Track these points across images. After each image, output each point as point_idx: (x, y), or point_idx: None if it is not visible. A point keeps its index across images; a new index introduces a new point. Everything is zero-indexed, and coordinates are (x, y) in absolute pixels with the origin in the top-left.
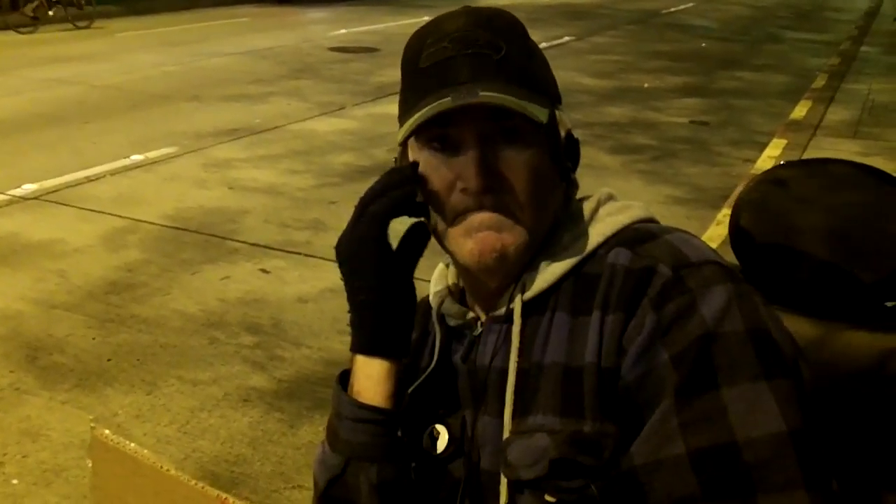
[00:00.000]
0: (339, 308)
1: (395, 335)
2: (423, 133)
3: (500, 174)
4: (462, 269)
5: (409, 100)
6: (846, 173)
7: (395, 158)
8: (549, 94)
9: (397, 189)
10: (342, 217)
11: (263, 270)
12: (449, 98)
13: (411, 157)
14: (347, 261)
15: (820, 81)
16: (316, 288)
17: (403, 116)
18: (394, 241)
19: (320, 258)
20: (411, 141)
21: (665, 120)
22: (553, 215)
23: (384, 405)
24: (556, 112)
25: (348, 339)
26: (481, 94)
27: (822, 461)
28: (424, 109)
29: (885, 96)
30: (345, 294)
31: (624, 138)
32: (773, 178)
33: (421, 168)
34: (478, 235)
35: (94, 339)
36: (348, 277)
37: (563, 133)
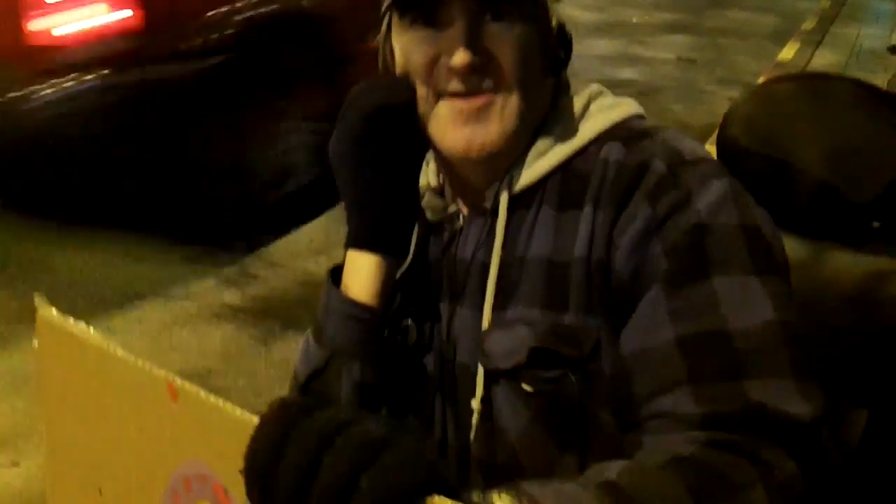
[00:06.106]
0: (316, 230)
1: (383, 231)
2: (409, 12)
3: (486, 51)
4: (445, 162)
5: None
6: (841, 90)
7: (377, 41)
8: None
9: (387, 88)
10: None
11: None
12: None
13: (394, 40)
14: (333, 158)
15: (809, 24)
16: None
17: None
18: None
19: None
20: (395, 23)
21: (652, 56)
22: (541, 107)
23: (370, 302)
24: (549, 1)
25: (324, 260)
26: None
27: (810, 357)
28: None
29: (873, 42)
30: (322, 218)
31: (609, 72)
32: (766, 92)
33: (403, 47)
34: (464, 130)
35: (65, 248)
36: (336, 174)
37: (554, 23)
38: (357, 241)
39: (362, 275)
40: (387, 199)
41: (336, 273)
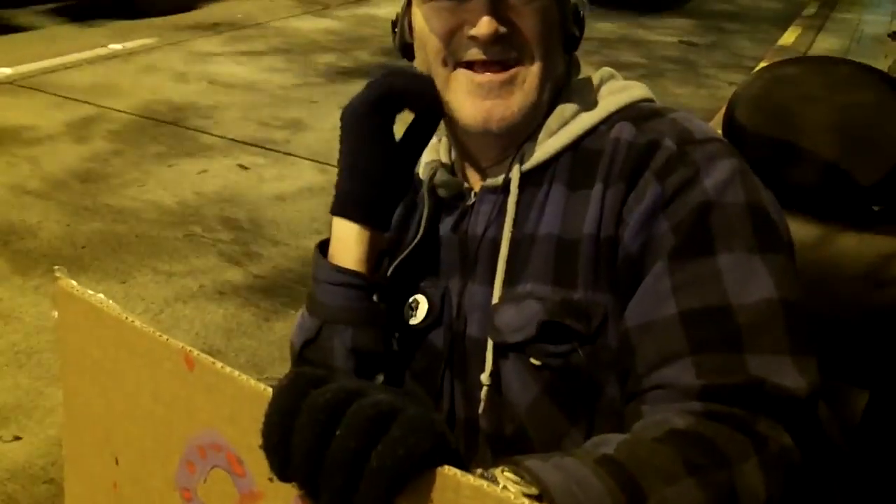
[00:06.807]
0: (317, 208)
1: (366, 203)
2: None
3: (510, 21)
4: (457, 138)
5: None
6: (849, 72)
7: (393, 22)
8: None
9: (414, 78)
10: (323, 117)
11: (241, 166)
12: None
13: (413, 11)
14: (343, 121)
15: (811, 9)
16: (294, 186)
17: None
18: None
19: (300, 157)
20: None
21: (654, 39)
22: (557, 83)
23: (356, 268)
24: None
25: (326, 238)
26: None
27: (809, 334)
28: None
29: (875, 27)
30: (323, 195)
31: (612, 55)
32: (774, 74)
33: (423, 15)
34: (484, 103)
35: (67, 226)
36: (341, 136)
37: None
38: (340, 207)
39: (346, 242)
40: (378, 174)
41: (325, 245)
